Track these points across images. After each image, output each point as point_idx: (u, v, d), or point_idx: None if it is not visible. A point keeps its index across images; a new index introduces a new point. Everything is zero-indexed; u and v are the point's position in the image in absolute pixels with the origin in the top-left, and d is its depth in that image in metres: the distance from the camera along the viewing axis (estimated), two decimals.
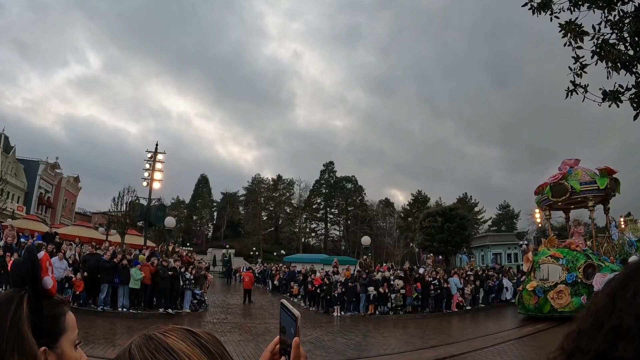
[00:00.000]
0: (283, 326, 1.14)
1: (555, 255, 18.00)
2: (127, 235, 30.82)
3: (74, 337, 1.28)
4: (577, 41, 5.65)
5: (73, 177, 59.74)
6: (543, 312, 16.99)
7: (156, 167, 24.73)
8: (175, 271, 17.49)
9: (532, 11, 5.90)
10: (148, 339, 0.91)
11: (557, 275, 17.36)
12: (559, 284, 16.98)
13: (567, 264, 17.39)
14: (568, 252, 17.97)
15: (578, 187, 20.12)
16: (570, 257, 17.56)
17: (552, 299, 16.78)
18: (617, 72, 5.35)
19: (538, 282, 17.75)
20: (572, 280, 16.82)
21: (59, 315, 1.27)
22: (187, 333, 0.93)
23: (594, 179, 20.18)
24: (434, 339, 14.48)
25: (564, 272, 17.20)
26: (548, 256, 18.18)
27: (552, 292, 16.91)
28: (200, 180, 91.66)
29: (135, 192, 35.04)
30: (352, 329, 16.30)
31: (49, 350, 1.17)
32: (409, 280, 20.88)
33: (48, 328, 1.21)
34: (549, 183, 21.16)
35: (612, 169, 20.49)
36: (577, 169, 20.98)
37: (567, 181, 20.52)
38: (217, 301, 23.93)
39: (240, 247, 72.04)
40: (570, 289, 16.69)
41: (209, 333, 0.96)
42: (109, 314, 15.62)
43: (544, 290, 17.14)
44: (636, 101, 5.33)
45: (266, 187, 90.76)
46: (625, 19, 5.26)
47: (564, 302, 16.52)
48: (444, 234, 39.02)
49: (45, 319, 1.21)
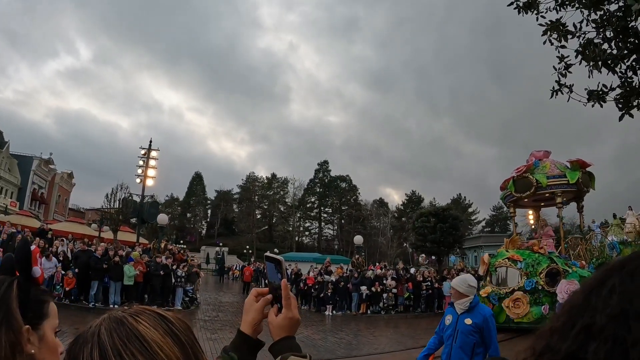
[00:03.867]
0: (270, 277, 1.20)
1: (513, 257, 15.69)
2: (119, 231, 30.78)
3: (55, 324, 1.35)
4: (561, 40, 5.65)
5: (67, 173, 59.46)
6: (499, 322, 14.60)
7: (150, 164, 24.66)
8: (167, 268, 17.49)
9: (517, 10, 5.90)
10: (119, 323, 0.88)
11: (515, 281, 15.22)
12: (516, 291, 14.87)
13: (527, 268, 15.16)
14: (529, 254, 15.67)
15: (545, 181, 18.19)
16: (530, 261, 15.34)
17: (507, 307, 14.71)
18: (599, 70, 5.34)
19: (493, 287, 15.61)
20: (531, 287, 14.69)
21: (44, 302, 1.34)
22: (159, 318, 0.91)
23: (564, 172, 18.28)
24: (425, 339, 14.40)
25: (523, 278, 15.06)
26: (505, 258, 15.87)
27: (507, 300, 14.83)
28: (195, 178, 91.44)
29: (128, 189, 34.99)
30: (343, 328, 16.36)
31: (32, 330, 1.23)
32: (400, 280, 20.98)
33: (33, 310, 1.28)
34: (513, 177, 19.19)
35: (586, 161, 18.52)
36: (545, 161, 19.02)
37: (532, 174, 18.54)
38: (209, 299, 23.92)
39: (234, 245, 71.93)
40: (529, 297, 14.61)
41: (180, 319, 0.96)
42: (100, 310, 15.56)
43: (498, 298, 15.07)
44: (621, 101, 5.33)
45: (260, 185, 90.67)
46: (611, 18, 5.25)
47: (521, 312, 14.49)
48: (437, 234, 39.06)
49: (32, 302, 1.28)
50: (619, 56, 5.30)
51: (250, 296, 1.24)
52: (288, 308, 1.16)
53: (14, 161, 48.34)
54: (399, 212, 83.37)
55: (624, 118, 5.50)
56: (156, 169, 25.09)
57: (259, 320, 1.23)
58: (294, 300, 1.20)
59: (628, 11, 4.67)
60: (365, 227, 77.11)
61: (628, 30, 5.07)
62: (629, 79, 5.38)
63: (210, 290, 30.15)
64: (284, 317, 1.17)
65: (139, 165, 24.75)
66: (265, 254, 1.25)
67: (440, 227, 39.07)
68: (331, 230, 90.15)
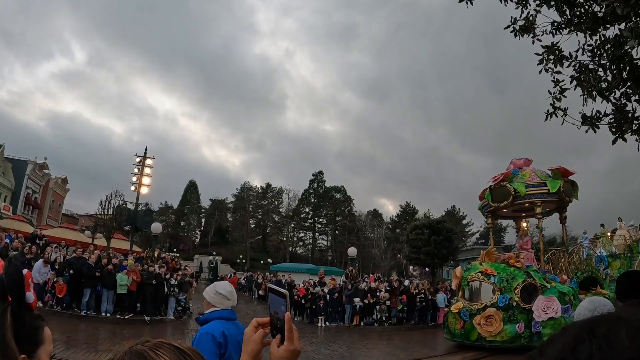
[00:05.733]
0: (273, 309, 1.24)
1: (487, 271, 14.59)
2: (113, 239, 30.57)
3: (50, 350, 1.36)
4: (556, 65, 5.75)
5: (61, 178, 59.10)
6: (470, 340, 13.96)
7: (145, 171, 24.58)
8: (159, 278, 17.40)
9: (514, 34, 5.99)
10: (140, 357, 0.91)
11: (489, 297, 14.12)
12: (489, 307, 13.76)
13: (500, 283, 14.07)
14: (504, 268, 14.58)
15: (523, 190, 17.29)
16: (505, 275, 14.24)
17: (478, 324, 13.66)
18: (593, 99, 5.44)
19: (465, 303, 14.59)
20: (504, 304, 13.61)
21: (38, 328, 1.35)
22: (177, 352, 0.95)
23: (545, 180, 17.44)
24: (418, 351, 14.53)
25: (497, 293, 13.95)
26: (478, 272, 14.80)
27: (479, 317, 13.76)
28: (189, 186, 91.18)
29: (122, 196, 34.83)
30: (336, 340, 16.30)
31: (28, 358, 1.23)
32: (394, 292, 20.94)
33: (28, 338, 1.28)
34: (490, 186, 18.30)
35: (568, 169, 17.66)
36: (525, 170, 18.13)
37: (510, 183, 17.69)
38: (201, 308, 23.74)
39: (228, 255, 71.56)
40: (502, 314, 13.51)
41: (197, 352, 1.00)
42: (92, 318, 15.46)
43: (470, 314, 14.04)
44: (614, 126, 5.44)
45: (255, 195, 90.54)
46: (606, 45, 5.35)
47: (494, 330, 13.39)
48: (431, 246, 39.18)
49: (26, 329, 1.28)
50: (614, 83, 5.39)
51: (250, 326, 1.27)
52: (291, 341, 1.18)
53: (8, 165, 48.00)
54: (393, 223, 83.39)
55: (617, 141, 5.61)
56: (151, 177, 25.03)
57: (258, 352, 1.26)
58: (297, 333, 1.22)
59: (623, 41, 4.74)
60: (359, 238, 77.02)
61: (623, 58, 5.16)
62: (623, 105, 5.48)
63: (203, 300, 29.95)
64: (285, 349, 1.18)
65: (133, 173, 24.64)
66: (270, 286, 1.29)
67: (435, 239, 39.20)
68: (325, 241, 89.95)
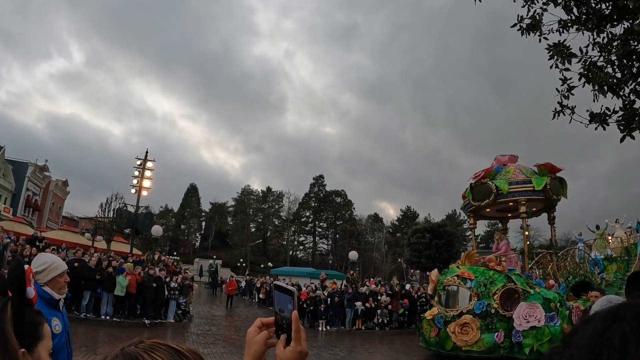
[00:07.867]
0: (278, 306, 1.17)
1: (463, 275, 13.50)
2: (113, 242, 30.56)
3: (50, 346, 1.38)
4: (564, 63, 5.69)
5: (62, 180, 59.13)
6: (445, 349, 12.94)
7: (145, 174, 24.51)
8: (160, 281, 17.31)
9: (521, 32, 5.94)
10: (132, 359, 0.85)
11: (465, 303, 13.07)
12: (465, 314, 12.73)
13: (478, 288, 13.00)
14: (483, 272, 13.52)
15: (505, 187, 16.14)
16: (483, 279, 13.17)
17: (453, 333, 12.65)
18: (604, 95, 5.39)
19: (440, 309, 13.54)
20: (482, 310, 12.55)
21: (38, 324, 1.36)
22: (173, 353, 0.89)
23: (530, 177, 16.34)
24: (419, 355, 14.42)
25: (474, 299, 12.89)
26: (455, 276, 13.70)
27: (453, 325, 12.71)
28: (190, 190, 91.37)
29: (122, 199, 34.84)
30: (337, 344, 16.19)
31: (27, 353, 1.23)
32: (395, 296, 20.85)
33: (28, 333, 1.28)
34: (471, 183, 17.21)
35: (555, 165, 16.61)
36: (509, 166, 17.04)
37: (492, 180, 16.56)
38: (202, 312, 23.67)
39: (228, 258, 71.57)
40: (479, 322, 12.49)
41: (194, 351, 0.93)
42: (91, 321, 15.39)
43: (444, 321, 13.03)
44: (623, 123, 5.38)
45: (255, 198, 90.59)
46: (614, 42, 5.31)
47: (470, 339, 12.37)
48: (432, 250, 39.17)
49: (26, 324, 1.29)
50: (623, 80, 5.33)
51: (253, 327, 1.20)
52: (298, 342, 1.12)
53: (8, 167, 47.99)
54: (394, 227, 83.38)
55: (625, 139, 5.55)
56: (151, 180, 24.96)
57: (262, 353, 1.19)
58: (304, 333, 1.16)
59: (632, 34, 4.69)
60: (360, 242, 77.06)
61: (632, 54, 5.11)
62: (632, 102, 5.43)
63: (203, 304, 29.85)
64: (292, 351, 1.12)
65: (134, 176, 24.58)
66: (275, 283, 1.21)
67: (436, 243, 39.18)
68: (325, 244, 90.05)
